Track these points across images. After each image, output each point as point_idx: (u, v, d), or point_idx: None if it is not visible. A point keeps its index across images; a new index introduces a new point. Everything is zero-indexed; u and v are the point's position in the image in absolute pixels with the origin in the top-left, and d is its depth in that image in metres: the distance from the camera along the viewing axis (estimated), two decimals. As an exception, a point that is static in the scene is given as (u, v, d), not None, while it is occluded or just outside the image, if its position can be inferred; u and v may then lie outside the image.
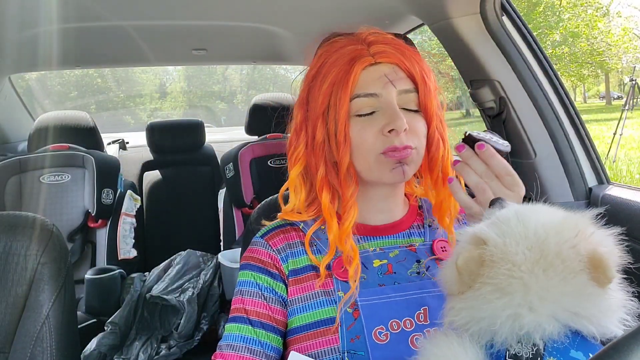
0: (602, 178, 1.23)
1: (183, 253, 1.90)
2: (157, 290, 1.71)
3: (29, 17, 1.45)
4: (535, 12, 14.66)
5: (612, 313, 0.50)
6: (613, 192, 1.14)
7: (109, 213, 2.11)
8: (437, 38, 1.36)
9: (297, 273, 0.77)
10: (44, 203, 2.07)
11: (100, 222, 2.09)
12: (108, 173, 2.15)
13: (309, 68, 0.79)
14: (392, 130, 0.70)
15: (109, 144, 2.92)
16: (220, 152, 2.56)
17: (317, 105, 0.75)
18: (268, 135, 2.37)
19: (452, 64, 1.40)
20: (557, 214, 0.55)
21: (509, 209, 0.57)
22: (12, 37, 1.64)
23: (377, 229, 0.79)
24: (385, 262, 0.76)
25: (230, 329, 0.74)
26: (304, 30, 1.72)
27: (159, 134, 2.81)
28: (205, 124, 2.92)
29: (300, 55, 2.05)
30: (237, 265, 1.67)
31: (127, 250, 2.10)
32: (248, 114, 2.44)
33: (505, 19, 1.24)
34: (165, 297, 1.69)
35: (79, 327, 1.24)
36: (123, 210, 2.16)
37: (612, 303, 0.50)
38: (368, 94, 0.72)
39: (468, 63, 1.30)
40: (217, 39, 1.96)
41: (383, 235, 0.79)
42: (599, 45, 15.31)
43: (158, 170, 2.83)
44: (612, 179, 1.26)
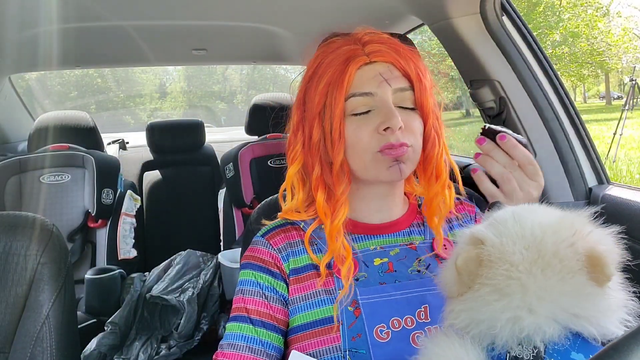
0: (602, 178, 1.23)
1: (183, 253, 1.90)
2: (157, 290, 1.71)
3: (29, 17, 1.45)
4: (535, 12, 14.65)
5: (612, 313, 0.49)
6: (613, 192, 1.14)
7: (109, 213, 2.11)
8: (437, 38, 1.36)
9: (298, 272, 0.77)
10: (44, 203, 2.07)
11: (100, 222, 2.09)
12: (108, 173, 2.15)
13: (307, 69, 0.79)
14: (387, 129, 0.71)
15: (109, 144, 2.92)
16: (220, 152, 2.56)
17: (313, 105, 0.75)
18: (268, 135, 2.37)
19: (452, 64, 1.40)
20: (554, 214, 0.55)
21: (506, 210, 0.57)
22: (12, 37, 1.64)
23: (377, 227, 0.79)
24: (386, 260, 0.76)
25: (232, 328, 0.74)
26: (304, 30, 1.72)
27: (159, 134, 2.81)
28: (205, 124, 2.92)
29: (300, 55, 2.05)
30: (237, 265, 1.67)
31: (127, 250, 2.10)
32: (248, 114, 2.44)
33: (505, 19, 1.24)
34: (165, 297, 1.69)
35: (79, 327, 1.24)
36: (123, 210, 2.16)
37: (611, 303, 0.50)
38: (363, 93, 0.73)
39: (468, 63, 1.30)
40: (217, 39, 1.96)
41: (383, 234, 0.79)
42: (599, 45, 15.30)
43: (158, 170, 2.83)
44: (612, 179, 1.26)
